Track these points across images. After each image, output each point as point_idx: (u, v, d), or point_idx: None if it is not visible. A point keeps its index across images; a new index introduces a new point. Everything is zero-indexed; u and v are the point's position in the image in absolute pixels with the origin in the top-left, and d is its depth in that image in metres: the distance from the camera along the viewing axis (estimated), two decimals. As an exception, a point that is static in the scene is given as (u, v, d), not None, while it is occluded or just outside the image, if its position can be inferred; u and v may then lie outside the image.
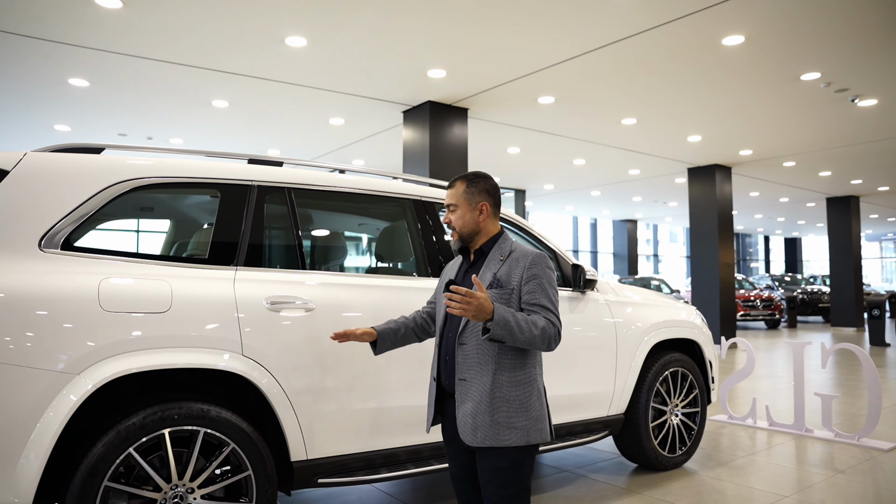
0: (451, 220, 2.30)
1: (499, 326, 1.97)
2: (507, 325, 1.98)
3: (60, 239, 2.47)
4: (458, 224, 2.29)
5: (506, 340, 2.01)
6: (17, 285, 2.29)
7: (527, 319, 2.04)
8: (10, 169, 2.49)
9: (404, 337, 2.54)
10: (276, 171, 3.05)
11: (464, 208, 2.28)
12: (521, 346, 2.06)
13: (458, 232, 2.30)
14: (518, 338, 2.01)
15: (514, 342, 2.03)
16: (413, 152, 8.40)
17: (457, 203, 2.29)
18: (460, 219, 2.28)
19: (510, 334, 1.99)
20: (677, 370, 4.31)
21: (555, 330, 2.09)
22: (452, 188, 2.33)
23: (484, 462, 2.14)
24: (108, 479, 2.33)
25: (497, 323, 1.97)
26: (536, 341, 2.05)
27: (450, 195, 2.32)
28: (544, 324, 2.07)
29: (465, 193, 2.29)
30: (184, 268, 2.67)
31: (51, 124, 9.20)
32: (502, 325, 1.98)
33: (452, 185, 2.33)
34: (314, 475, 2.81)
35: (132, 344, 2.42)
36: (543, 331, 2.05)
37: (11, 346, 2.21)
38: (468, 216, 2.28)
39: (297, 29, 5.78)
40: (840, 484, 4.02)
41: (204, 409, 2.52)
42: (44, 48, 6.17)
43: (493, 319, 1.97)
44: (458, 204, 2.29)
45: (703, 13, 5.47)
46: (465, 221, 2.28)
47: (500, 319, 1.97)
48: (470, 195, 2.29)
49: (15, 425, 2.19)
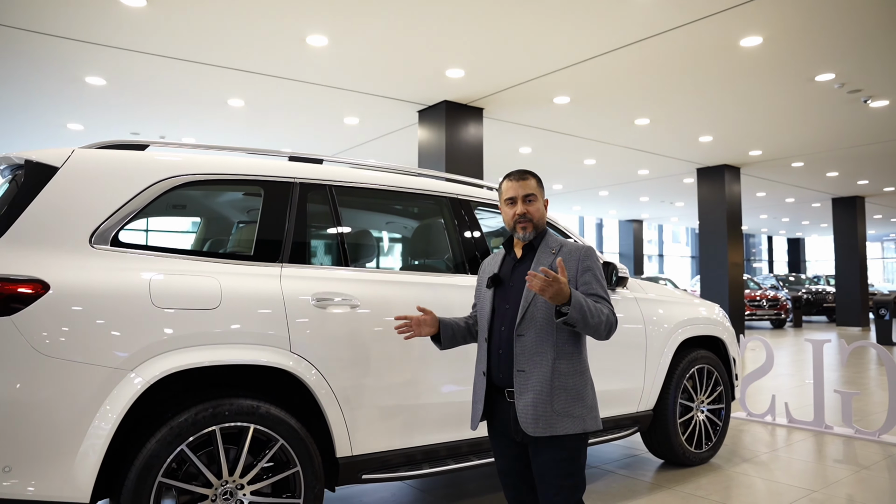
0: (529, 212, 2.29)
1: (575, 310, 2.01)
2: (581, 309, 2.02)
3: (110, 235, 2.49)
4: (536, 215, 2.30)
5: (577, 325, 2.04)
6: (70, 281, 2.30)
7: (596, 306, 2.09)
8: (60, 166, 2.50)
9: (467, 333, 2.54)
10: (317, 168, 3.06)
11: (540, 200, 2.33)
12: (587, 332, 2.10)
13: (534, 223, 2.30)
14: (589, 322, 2.05)
15: (585, 327, 2.07)
16: (428, 152, 8.42)
17: (536, 194, 2.31)
18: (538, 210, 2.31)
19: (583, 319, 2.03)
20: (703, 367, 4.33)
21: (615, 318, 2.16)
22: (525, 180, 2.32)
23: (540, 454, 2.16)
24: (161, 475, 2.34)
25: (574, 307, 2.01)
26: (601, 328, 2.10)
27: (527, 185, 2.31)
28: (608, 311, 2.13)
29: (539, 187, 2.33)
30: (230, 264, 2.69)
31: (64, 123, 9.21)
32: (578, 308, 2.01)
33: (524, 178, 2.32)
34: (358, 471, 2.83)
35: (183, 340, 2.43)
36: (608, 318, 2.12)
37: (67, 342, 2.23)
38: (542, 209, 2.33)
39: (319, 28, 5.80)
40: (866, 480, 4.04)
41: (254, 405, 2.53)
42: (63, 46, 6.19)
43: (569, 303, 2.00)
44: (537, 195, 2.32)
45: (723, 14, 5.49)
46: (541, 213, 2.32)
47: (577, 304, 2.02)
48: (541, 189, 2.34)
49: (72, 421, 2.21)
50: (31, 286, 2.21)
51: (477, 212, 3.51)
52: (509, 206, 2.34)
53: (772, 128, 9.65)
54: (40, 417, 2.16)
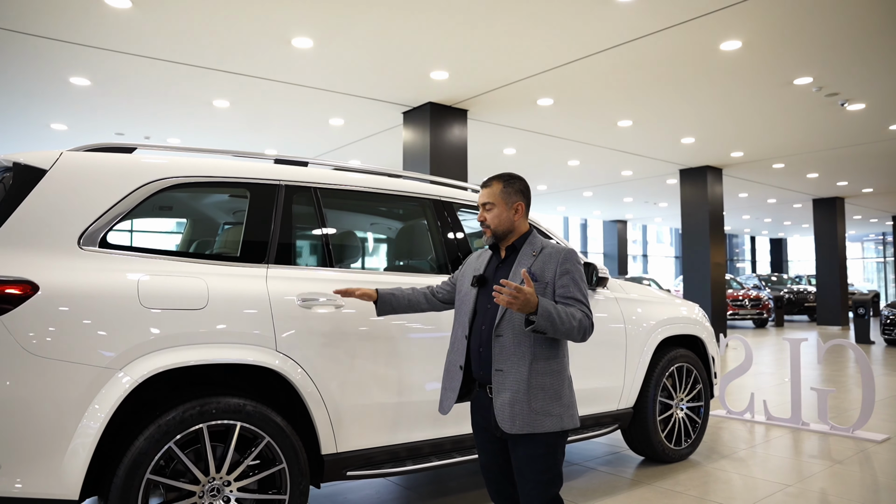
0: (487, 219, 2.39)
1: (543, 318, 2.08)
2: (549, 317, 2.09)
3: (98, 237, 2.53)
4: (493, 222, 2.38)
5: (547, 332, 2.11)
6: (59, 282, 2.34)
7: (567, 312, 2.15)
8: (48, 168, 2.54)
9: (409, 304, 2.70)
10: (302, 170, 3.11)
11: (500, 207, 2.38)
12: (559, 336, 2.17)
13: (492, 230, 2.39)
14: (559, 329, 2.12)
15: (555, 333, 2.13)
16: (413, 153, 8.48)
17: (493, 202, 2.39)
18: (496, 217, 2.38)
19: (552, 325, 2.10)
20: (682, 365, 4.42)
21: (589, 322, 2.21)
22: (489, 187, 2.41)
23: (519, 450, 2.23)
24: (150, 472, 2.39)
25: (541, 315, 2.07)
26: (574, 332, 2.16)
27: (486, 194, 2.41)
28: (581, 316, 2.19)
29: (502, 193, 2.39)
30: (217, 265, 2.73)
31: (48, 123, 9.16)
32: (546, 316, 2.08)
33: (489, 185, 2.42)
34: (343, 468, 2.88)
35: (171, 340, 2.48)
36: (580, 322, 2.17)
37: (56, 342, 2.26)
38: (504, 215, 2.38)
39: (304, 30, 5.84)
40: (839, 473, 4.15)
41: (240, 403, 2.58)
42: (47, 47, 6.17)
43: (537, 312, 2.07)
44: (494, 203, 2.39)
45: (702, 19, 5.60)
46: (500, 220, 2.38)
47: (544, 312, 2.08)
48: (507, 195, 2.39)
49: (61, 419, 2.25)
50: (21, 287, 2.25)
51: (459, 213, 3.57)
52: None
53: (752, 130, 9.81)
54: (29, 416, 2.19)
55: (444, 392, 2.49)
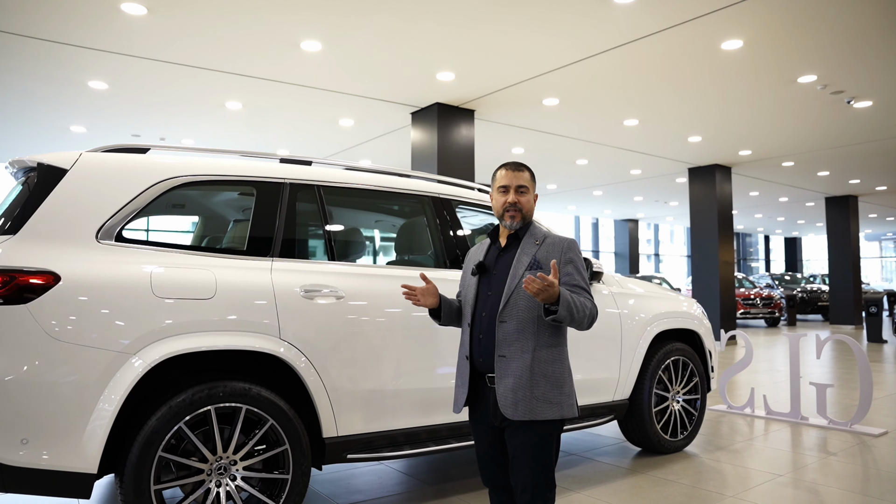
0: (520, 202, 2.39)
1: (564, 308, 2.14)
2: (568, 307, 2.15)
3: (115, 231, 2.71)
4: (526, 206, 2.40)
5: (565, 321, 2.18)
6: (79, 273, 2.52)
7: (580, 301, 2.22)
8: (69, 168, 2.73)
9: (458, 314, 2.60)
10: (306, 169, 3.28)
11: (532, 193, 2.43)
12: (573, 325, 2.23)
13: (523, 214, 2.40)
14: (575, 318, 2.18)
15: (571, 322, 2.20)
16: (421, 152, 8.64)
17: (529, 186, 2.42)
18: (528, 202, 2.41)
19: (570, 315, 2.16)
20: (678, 359, 4.54)
21: (596, 310, 2.29)
22: (520, 171, 2.43)
23: (516, 437, 2.28)
24: (161, 450, 2.56)
25: (562, 305, 2.13)
26: (584, 321, 2.23)
27: (521, 177, 2.42)
28: (591, 305, 2.26)
29: (532, 179, 2.44)
30: (225, 258, 2.91)
31: (67, 125, 9.43)
32: (566, 307, 2.14)
33: (520, 169, 2.43)
34: (343, 451, 3.04)
35: (181, 328, 2.65)
36: (591, 311, 2.25)
37: (76, 328, 2.45)
38: (532, 201, 2.43)
39: (313, 34, 6.02)
40: (832, 465, 4.25)
41: (246, 387, 2.75)
42: (67, 52, 6.41)
43: (558, 303, 2.13)
44: (528, 187, 2.42)
45: (702, 19, 5.70)
46: (530, 205, 2.42)
47: (565, 302, 2.14)
48: (533, 183, 2.45)
49: (81, 399, 2.43)
50: (44, 277, 2.43)
51: (458, 210, 3.72)
52: (502, 193, 2.42)
53: (759, 128, 9.85)
54: (53, 395, 2.38)
55: (457, 389, 2.48)
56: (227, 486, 2.73)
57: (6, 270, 2.40)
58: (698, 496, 3.63)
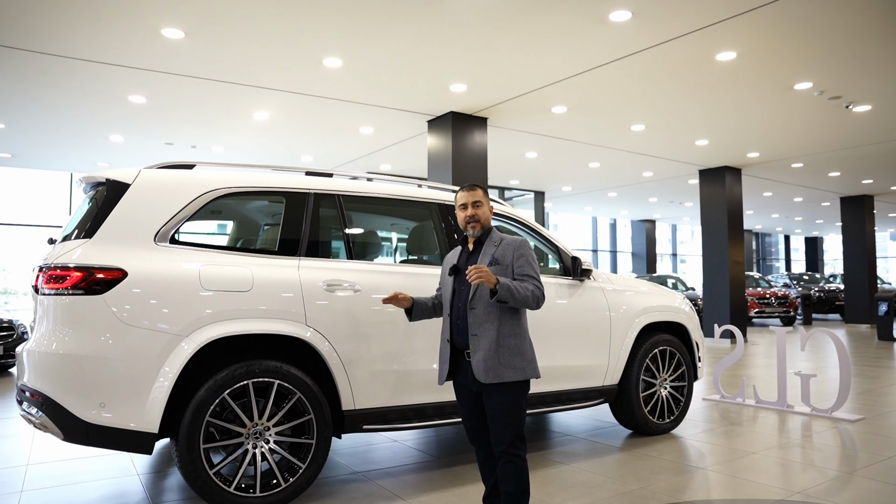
0: (477, 213, 2.97)
1: (503, 289, 2.71)
2: (507, 288, 2.73)
3: (169, 235, 3.26)
4: (483, 216, 2.99)
5: (508, 300, 2.74)
6: (141, 269, 3.07)
7: (521, 285, 2.79)
8: (131, 182, 3.29)
9: (431, 310, 3.24)
10: (328, 180, 3.81)
11: (485, 205, 3.01)
12: (519, 305, 2.79)
13: (481, 223, 2.99)
14: (516, 297, 2.75)
15: (514, 302, 2.76)
16: (437, 158, 9.16)
17: (483, 201, 3.01)
18: (484, 213, 3.00)
19: (511, 295, 2.73)
20: (665, 349, 4.98)
21: (540, 292, 2.84)
22: (474, 191, 3.01)
23: (490, 399, 2.83)
24: (209, 416, 3.10)
25: (501, 286, 2.71)
26: (529, 300, 2.79)
27: (475, 195, 3.00)
28: (533, 287, 2.82)
29: (484, 195, 3.02)
30: (260, 258, 3.44)
31: (106, 135, 10.11)
32: (504, 287, 2.72)
33: (473, 189, 3.02)
34: (360, 422, 3.56)
35: (224, 315, 3.19)
36: (532, 293, 2.81)
37: (140, 314, 3.00)
38: (488, 212, 3.01)
39: (334, 52, 6.56)
40: (803, 445, 4.67)
41: (278, 365, 3.28)
42: (112, 71, 7.03)
43: (498, 285, 2.71)
44: (482, 202, 3.01)
45: (695, 34, 6.12)
46: (486, 216, 3.00)
47: (504, 285, 2.72)
48: (486, 197, 3.03)
49: (145, 371, 2.98)
50: (115, 273, 2.99)
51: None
52: (462, 210, 3.00)
53: (763, 132, 10.18)
54: (123, 367, 2.93)
55: (440, 366, 3.06)
56: (262, 448, 3.27)
57: (85, 267, 2.96)
58: (675, 468, 4.08)
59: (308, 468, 3.34)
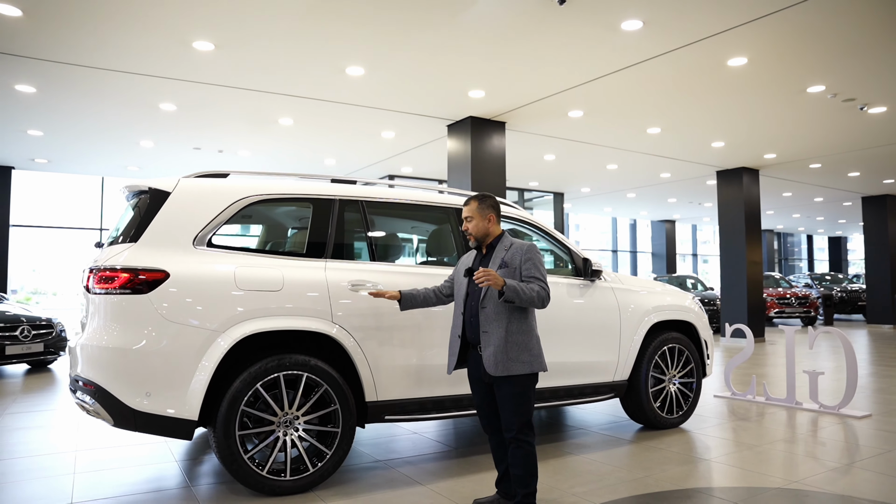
0: (469, 228, 3.29)
1: (510, 290, 2.97)
2: (514, 289, 2.98)
3: (206, 239, 3.54)
4: (473, 231, 3.28)
5: (514, 300, 2.99)
6: (182, 271, 3.36)
7: (528, 286, 3.04)
8: (171, 190, 3.58)
9: (424, 301, 3.52)
10: (351, 187, 4.08)
11: (477, 219, 3.27)
12: (525, 304, 3.03)
13: (473, 235, 3.29)
14: (522, 298, 2.99)
15: (521, 302, 3.01)
16: (457, 161, 9.41)
17: (472, 216, 3.29)
18: (475, 227, 3.27)
19: (517, 296, 2.98)
20: (674, 346, 5.17)
21: (545, 293, 3.08)
22: (468, 206, 3.30)
23: (500, 390, 3.09)
24: (243, 405, 3.38)
25: (508, 288, 2.96)
26: (535, 300, 3.04)
27: (467, 209, 3.30)
28: (538, 288, 3.06)
29: (477, 209, 3.28)
30: (289, 259, 3.72)
31: (137, 141, 10.53)
32: (511, 288, 2.97)
33: (468, 204, 3.31)
34: (382, 413, 3.82)
35: (257, 313, 3.47)
36: (538, 293, 3.05)
37: (181, 311, 3.29)
38: (480, 224, 3.26)
39: (356, 61, 6.84)
40: (806, 439, 4.84)
41: (306, 359, 3.55)
42: (143, 81, 7.40)
43: (505, 286, 2.95)
44: (472, 216, 3.28)
45: (705, 41, 6.29)
46: (478, 228, 3.27)
47: (510, 286, 2.97)
48: (481, 210, 3.28)
49: (186, 364, 3.27)
50: (158, 274, 3.28)
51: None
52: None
53: (779, 134, 10.27)
54: (166, 361, 3.23)
55: (449, 358, 3.35)
56: (292, 436, 3.54)
57: (132, 269, 3.26)
58: (680, 459, 4.28)
59: (334, 455, 3.61)
